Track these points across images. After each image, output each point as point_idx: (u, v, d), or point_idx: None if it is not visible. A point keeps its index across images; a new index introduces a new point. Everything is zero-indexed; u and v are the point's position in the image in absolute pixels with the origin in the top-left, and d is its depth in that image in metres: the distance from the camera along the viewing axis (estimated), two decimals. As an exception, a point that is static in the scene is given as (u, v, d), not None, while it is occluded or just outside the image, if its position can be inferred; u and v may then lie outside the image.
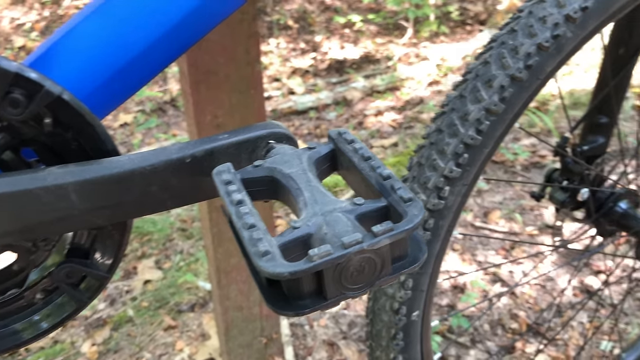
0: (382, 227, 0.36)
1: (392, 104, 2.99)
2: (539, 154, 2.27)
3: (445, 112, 0.70)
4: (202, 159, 0.48)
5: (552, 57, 0.67)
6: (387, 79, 3.21)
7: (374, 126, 2.83)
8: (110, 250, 0.53)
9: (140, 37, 0.50)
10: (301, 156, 0.46)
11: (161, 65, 0.51)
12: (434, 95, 2.99)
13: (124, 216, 0.49)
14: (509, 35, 0.68)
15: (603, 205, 0.95)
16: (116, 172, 0.46)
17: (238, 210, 0.40)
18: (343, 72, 3.47)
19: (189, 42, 0.52)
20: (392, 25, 3.87)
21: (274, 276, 0.35)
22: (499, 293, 1.64)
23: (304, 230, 0.38)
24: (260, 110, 1.08)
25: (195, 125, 1.04)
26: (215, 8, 0.53)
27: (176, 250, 1.95)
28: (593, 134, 0.94)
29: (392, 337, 0.77)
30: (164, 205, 0.49)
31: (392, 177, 0.41)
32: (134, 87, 0.51)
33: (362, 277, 0.37)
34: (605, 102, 0.92)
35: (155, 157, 0.47)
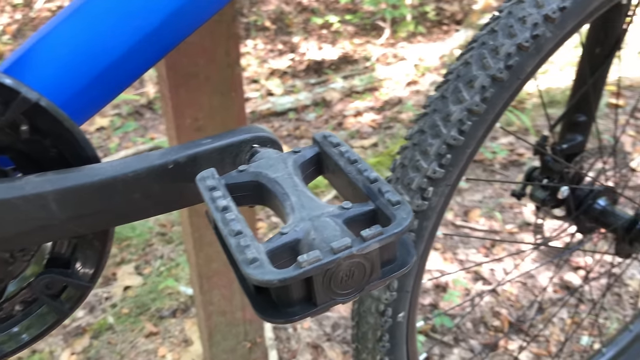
0: (371, 231, 0.36)
1: (371, 105, 3.00)
2: (517, 152, 2.30)
3: (427, 113, 0.70)
4: (185, 165, 0.47)
5: (531, 57, 0.67)
6: (366, 80, 3.22)
7: (353, 127, 2.83)
8: (92, 259, 0.52)
9: (120, 40, 0.49)
10: (286, 160, 0.45)
11: (141, 69, 0.50)
12: (412, 95, 3.01)
13: (106, 224, 0.48)
14: (489, 36, 0.68)
15: (582, 202, 0.96)
16: (97, 179, 0.45)
17: (224, 217, 0.39)
18: (321, 73, 3.47)
19: (170, 45, 0.51)
20: (369, 26, 3.88)
21: (262, 284, 0.34)
22: (481, 291, 1.65)
23: (291, 235, 0.38)
24: (241, 112, 1.07)
25: (175, 129, 1.02)
26: (197, 10, 0.52)
27: (156, 255, 1.93)
28: (572, 133, 0.95)
29: (378, 339, 0.77)
30: (146, 213, 0.48)
31: (379, 180, 0.41)
32: (113, 92, 0.50)
33: (351, 282, 0.37)
34: (583, 101, 0.93)
35: (138, 163, 0.46)
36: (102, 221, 0.47)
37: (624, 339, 1.19)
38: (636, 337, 1.19)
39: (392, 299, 0.74)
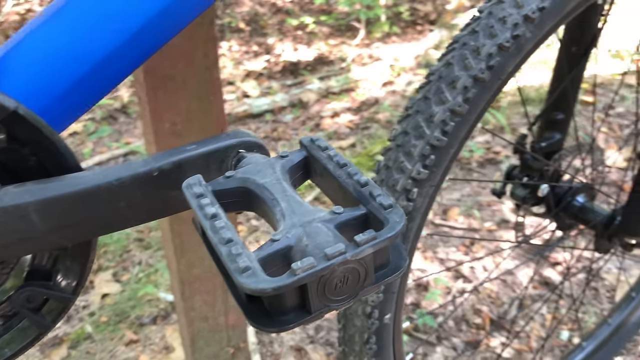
0: (364, 236, 0.35)
1: (348, 105, 3.00)
2: (494, 151, 2.32)
3: (410, 114, 0.70)
4: (170, 172, 0.46)
5: (512, 57, 0.68)
6: (342, 80, 3.22)
7: (330, 128, 2.83)
8: (74, 271, 0.50)
9: (100, 44, 0.48)
10: (274, 165, 0.45)
11: (123, 73, 0.49)
12: (388, 95, 3.02)
13: (90, 235, 0.46)
14: (470, 36, 0.68)
15: (562, 200, 0.98)
16: (80, 188, 0.44)
17: (213, 225, 0.38)
18: (297, 74, 3.46)
19: (151, 49, 0.50)
20: (344, 27, 3.88)
21: (256, 293, 0.33)
22: (463, 290, 1.66)
23: (283, 242, 0.37)
24: (220, 115, 1.06)
25: (153, 134, 1.01)
26: (179, 13, 0.51)
27: (134, 261, 1.90)
28: (550, 131, 0.96)
29: (365, 341, 0.76)
30: (131, 222, 0.47)
31: (369, 183, 0.41)
32: (94, 97, 0.49)
33: (345, 288, 0.36)
34: (560, 99, 0.94)
35: (121, 171, 0.45)
36: (85, 232, 0.46)
37: (603, 332, 1.21)
38: (615, 330, 1.21)
39: (379, 301, 0.74)
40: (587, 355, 1.20)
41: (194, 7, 0.53)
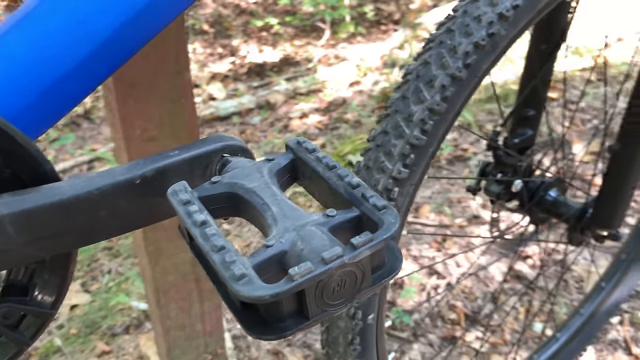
0: (361, 238, 0.35)
1: (316, 106, 3.00)
2: (462, 148, 2.36)
3: (389, 114, 0.70)
4: (153, 179, 0.45)
5: (488, 55, 0.68)
6: (309, 81, 3.22)
7: (299, 129, 2.82)
8: (53, 284, 0.48)
9: (76, 47, 0.46)
10: (261, 169, 0.44)
11: (101, 76, 0.47)
12: (356, 95, 3.03)
13: (70, 246, 0.45)
14: (446, 35, 0.68)
15: (535, 194, 0.99)
16: (58, 199, 0.42)
17: (203, 232, 0.37)
18: (264, 75, 3.44)
19: (131, 51, 0.48)
20: (309, 27, 3.88)
21: (254, 300, 0.33)
22: (437, 286, 1.68)
23: (277, 247, 0.37)
24: (192, 120, 1.04)
25: (124, 140, 0.98)
26: (154, 17, 0.50)
27: (103, 270, 1.86)
28: (522, 127, 0.98)
29: (349, 342, 0.76)
30: (113, 232, 0.46)
31: (361, 185, 0.40)
32: (70, 103, 0.47)
33: (343, 291, 0.36)
34: (531, 96, 0.95)
35: (102, 180, 0.43)
36: (65, 243, 0.44)
37: (575, 323, 1.24)
38: (587, 320, 1.23)
39: (362, 302, 0.73)
40: (561, 345, 1.22)
41: (168, 12, 0.51)
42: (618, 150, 0.86)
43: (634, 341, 1.43)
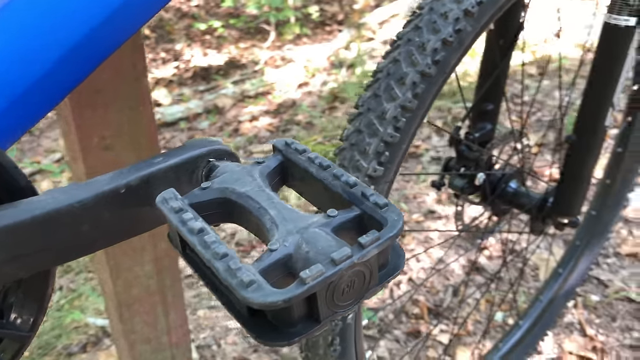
0: (368, 237, 0.35)
1: (266, 108, 2.98)
2: (414, 145, 2.39)
3: (361, 112, 0.70)
4: (138, 188, 0.43)
5: (455, 51, 0.69)
6: (257, 84, 3.19)
7: (250, 132, 2.80)
8: (31, 305, 0.46)
9: (44, 53, 0.43)
10: (252, 172, 0.43)
11: (74, 81, 0.45)
12: (305, 96, 3.03)
13: (51, 263, 0.42)
14: (414, 33, 0.69)
15: (496, 187, 1.02)
16: (39, 214, 0.40)
17: (202, 240, 0.36)
18: (210, 79, 3.39)
19: (103, 55, 0.46)
20: (253, 30, 3.85)
21: (266, 307, 0.32)
22: (398, 281, 1.69)
23: (282, 251, 0.36)
24: (151, 126, 1.01)
25: (80, 151, 0.94)
26: (126, 20, 0.48)
27: (55, 287, 1.78)
28: (482, 121, 1.00)
29: (329, 344, 0.76)
30: (97, 245, 0.43)
31: (359, 184, 0.40)
32: (41, 110, 0.45)
33: (352, 291, 0.35)
34: (489, 91, 0.98)
35: (84, 191, 0.41)
36: (45, 261, 0.42)
37: (536, 309, 1.28)
38: (547, 306, 1.28)
39: (342, 302, 0.73)
40: (524, 332, 1.26)
41: (138, 17, 0.49)
42: (575, 141, 0.89)
43: (588, 323, 1.49)
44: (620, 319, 1.49)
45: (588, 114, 0.87)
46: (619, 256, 1.65)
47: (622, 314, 1.50)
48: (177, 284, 1.16)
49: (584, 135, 0.88)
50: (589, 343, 1.43)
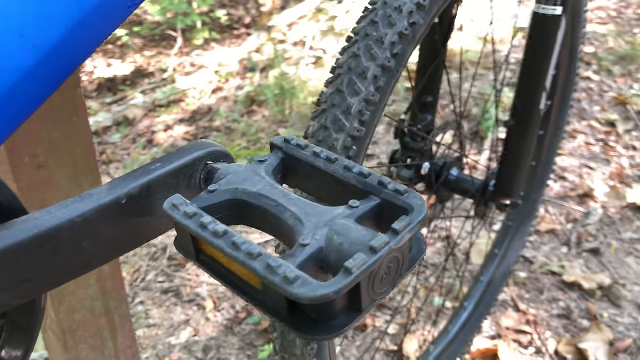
0: (401, 223, 0.35)
1: (180, 117, 2.90)
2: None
3: (325, 109, 0.70)
4: (139, 197, 0.41)
5: (410, 43, 0.71)
6: (168, 92, 3.10)
7: (166, 142, 2.71)
8: (19, 335, 0.42)
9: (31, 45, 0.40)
10: (257, 171, 0.42)
11: (62, 75, 0.42)
12: (220, 101, 2.98)
13: (47, 288, 0.39)
14: (371, 27, 0.70)
15: (440, 175, 1.06)
16: (36, 232, 0.36)
17: (231, 242, 0.35)
18: (116, 90, 3.25)
19: (82, 56, 0.43)
20: (158, 37, 3.74)
21: (317, 300, 0.31)
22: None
23: (314, 245, 0.35)
24: (87, 138, 0.95)
25: (11, 171, 0.87)
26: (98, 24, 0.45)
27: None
28: (422, 113, 1.03)
29: (306, 343, 0.75)
30: (96, 262, 0.41)
31: (372, 173, 0.40)
32: (30, 105, 0.41)
33: (388, 278, 0.36)
34: (428, 83, 1.01)
35: (83, 205, 0.38)
36: (41, 284, 0.39)
37: (478, 290, 1.34)
38: (487, 285, 1.34)
39: (318, 300, 0.73)
40: (470, 312, 1.32)
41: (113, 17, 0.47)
42: (512, 125, 0.95)
43: (519, 298, 1.58)
44: (546, 291, 1.59)
45: (523, 98, 0.92)
46: (539, 233, 1.76)
47: (547, 287, 1.61)
48: (123, 305, 1.10)
49: (520, 119, 0.94)
50: (523, 317, 1.52)
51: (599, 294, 1.56)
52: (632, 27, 2.89)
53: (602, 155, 2.05)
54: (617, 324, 1.47)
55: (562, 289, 1.59)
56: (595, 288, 1.57)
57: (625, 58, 2.57)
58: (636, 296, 1.54)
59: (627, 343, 1.42)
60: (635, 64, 2.53)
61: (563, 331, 1.48)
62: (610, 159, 2.03)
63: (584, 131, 2.16)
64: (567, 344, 1.43)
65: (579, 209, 1.85)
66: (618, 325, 1.47)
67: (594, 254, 1.68)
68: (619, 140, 2.12)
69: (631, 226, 1.76)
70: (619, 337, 1.43)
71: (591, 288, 1.57)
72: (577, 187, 1.92)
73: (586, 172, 1.98)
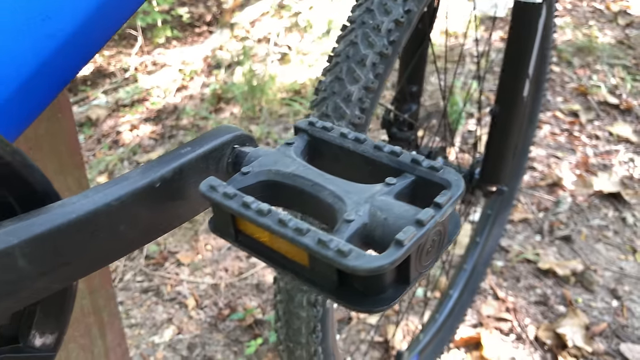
0: (443, 197, 0.36)
1: (145, 116, 2.85)
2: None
3: (325, 97, 0.71)
4: (172, 180, 0.40)
5: (405, 30, 0.73)
6: (132, 91, 3.05)
7: (132, 142, 2.67)
8: (52, 321, 0.41)
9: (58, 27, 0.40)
10: (287, 153, 0.42)
11: (88, 54, 0.42)
12: (186, 100, 2.95)
13: (86, 271, 0.38)
14: (367, 15, 0.71)
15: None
16: (75, 217, 0.36)
17: (277, 219, 0.35)
18: (77, 90, 3.18)
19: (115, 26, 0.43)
20: (118, 36, 3.66)
21: (374, 272, 0.32)
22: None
23: (359, 221, 0.36)
24: (72, 135, 0.93)
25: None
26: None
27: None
28: (407, 103, 1.05)
29: (312, 331, 0.76)
30: (131, 246, 0.40)
31: (404, 152, 0.41)
32: (50, 94, 0.41)
33: (432, 251, 0.37)
34: (412, 74, 1.03)
35: (119, 188, 0.38)
36: (80, 269, 0.38)
37: (462, 278, 1.37)
38: (471, 274, 1.37)
39: (322, 287, 0.73)
40: (455, 300, 1.34)
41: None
42: (497, 113, 0.97)
43: (498, 286, 1.62)
44: (523, 279, 1.64)
45: (507, 86, 0.95)
46: (513, 222, 1.81)
47: (524, 275, 1.65)
48: (111, 303, 1.08)
49: (505, 107, 0.96)
50: (502, 305, 1.56)
51: (573, 280, 1.61)
52: (587, 19, 3.00)
53: (567, 145, 2.13)
54: (592, 309, 1.53)
55: (538, 277, 1.64)
56: (569, 274, 1.62)
57: (583, 50, 2.66)
58: (607, 281, 1.60)
59: (602, 327, 1.47)
60: (593, 56, 2.63)
61: (541, 317, 1.52)
62: (575, 149, 2.10)
63: (549, 122, 2.23)
64: (545, 329, 1.48)
65: (549, 198, 1.91)
66: (592, 310, 1.53)
67: (566, 242, 1.74)
68: (582, 130, 2.19)
69: (599, 213, 1.83)
70: (594, 322, 1.49)
71: (565, 275, 1.62)
72: (546, 177, 1.98)
73: (554, 161, 2.05)
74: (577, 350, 1.41)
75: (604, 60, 2.58)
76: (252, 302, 1.57)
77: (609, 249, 1.71)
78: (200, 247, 1.81)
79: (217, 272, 1.69)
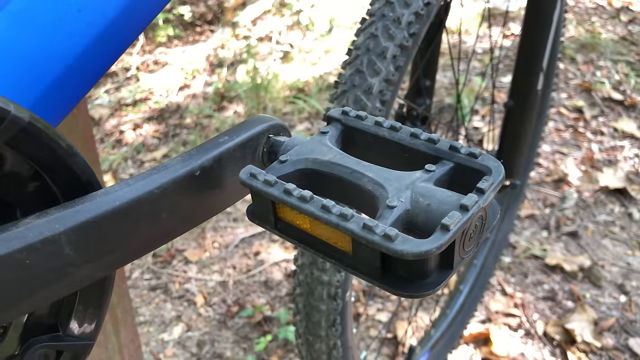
0: (485, 182, 0.36)
1: (148, 115, 2.85)
2: (311, 132, 2.43)
3: (345, 90, 0.71)
4: (211, 169, 0.40)
5: (424, 23, 0.73)
6: (134, 90, 3.05)
7: (136, 140, 2.66)
8: (91, 309, 0.41)
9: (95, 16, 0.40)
10: (323, 141, 0.42)
11: (123, 45, 0.42)
12: (189, 99, 2.95)
13: (129, 258, 0.39)
14: (387, 8, 0.71)
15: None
16: (119, 205, 0.36)
17: (321, 205, 0.35)
18: (80, 90, 3.17)
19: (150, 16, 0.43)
20: (120, 35, 3.65)
21: (421, 256, 0.32)
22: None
23: (402, 207, 0.36)
24: (88, 132, 0.93)
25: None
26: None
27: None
28: (421, 97, 1.05)
29: (331, 324, 0.76)
30: (172, 234, 0.40)
31: (441, 139, 0.41)
32: (88, 82, 0.41)
33: (474, 237, 0.37)
34: (426, 68, 1.03)
35: (160, 177, 0.38)
36: (123, 257, 0.38)
37: (472, 273, 1.37)
38: (480, 269, 1.37)
39: (342, 280, 0.74)
40: (466, 296, 1.35)
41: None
42: (511, 106, 0.98)
43: (506, 282, 1.62)
44: (530, 275, 1.65)
45: (521, 79, 0.95)
46: (520, 219, 1.82)
47: (531, 270, 1.66)
48: (125, 299, 1.08)
49: (519, 100, 0.96)
50: (510, 301, 1.56)
51: (581, 275, 1.62)
52: (590, 15, 3.01)
53: (572, 141, 2.13)
54: (600, 304, 1.53)
55: (546, 272, 1.64)
56: (577, 270, 1.62)
57: (587, 46, 2.67)
58: (615, 277, 1.61)
59: (610, 322, 1.48)
60: (596, 52, 2.63)
61: (550, 313, 1.53)
62: (580, 145, 2.11)
63: (553, 118, 2.24)
64: (554, 325, 1.48)
65: (555, 193, 1.91)
66: (600, 305, 1.53)
67: (572, 237, 1.74)
68: (587, 126, 2.20)
69: (605, 209, 1.84)
70: (602, 317, 1.49)
71: (573, 270, 1.62)
72: (552, 173, 1.98)
73: (559, 157, 2.05)
74: (586, 346, 1.42)
75: (608, 57, 2.59)
76: (261, 299, 1.57)
77: (616, 244, 1.71)
78: (207, 245, 1.81)
79: (225, 270, 1.69)
